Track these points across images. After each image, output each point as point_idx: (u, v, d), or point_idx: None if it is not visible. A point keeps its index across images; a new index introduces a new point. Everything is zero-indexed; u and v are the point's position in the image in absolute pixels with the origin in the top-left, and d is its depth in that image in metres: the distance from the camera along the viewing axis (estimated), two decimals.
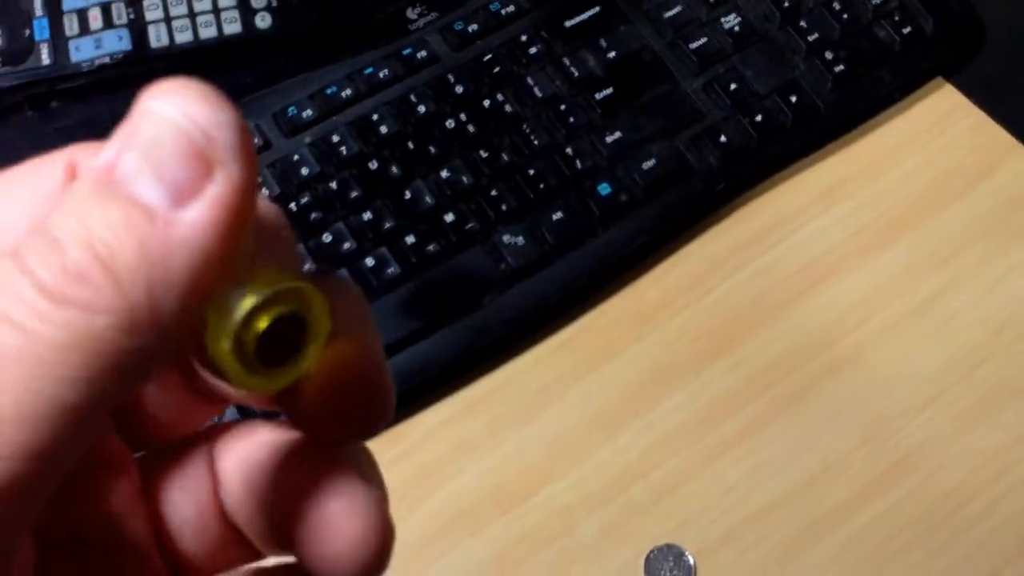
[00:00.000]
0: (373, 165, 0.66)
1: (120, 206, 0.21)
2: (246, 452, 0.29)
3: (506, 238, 0.64)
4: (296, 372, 0.25)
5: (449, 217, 0.65)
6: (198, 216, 0.21)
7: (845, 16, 0.72)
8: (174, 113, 0.21)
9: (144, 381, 0.23)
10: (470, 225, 0.65)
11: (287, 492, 0.28)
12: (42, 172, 0.26)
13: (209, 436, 0.30)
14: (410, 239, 0.64)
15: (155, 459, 0.30)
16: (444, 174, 0.66)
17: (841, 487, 0.61)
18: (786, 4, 0.72)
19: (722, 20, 0.71)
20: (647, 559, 0.59)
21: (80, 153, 0.26)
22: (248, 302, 0.23)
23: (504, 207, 0.65)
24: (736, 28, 0.71)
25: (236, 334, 0.23)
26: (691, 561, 0.59)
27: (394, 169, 0.66)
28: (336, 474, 0.27)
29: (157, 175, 0.21)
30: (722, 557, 0.59)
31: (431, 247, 0.64)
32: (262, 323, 0.23)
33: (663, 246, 0.68)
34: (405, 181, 0.66)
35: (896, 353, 0.65)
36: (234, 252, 0.22)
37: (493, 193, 0.65)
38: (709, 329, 0.65)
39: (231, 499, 0.29)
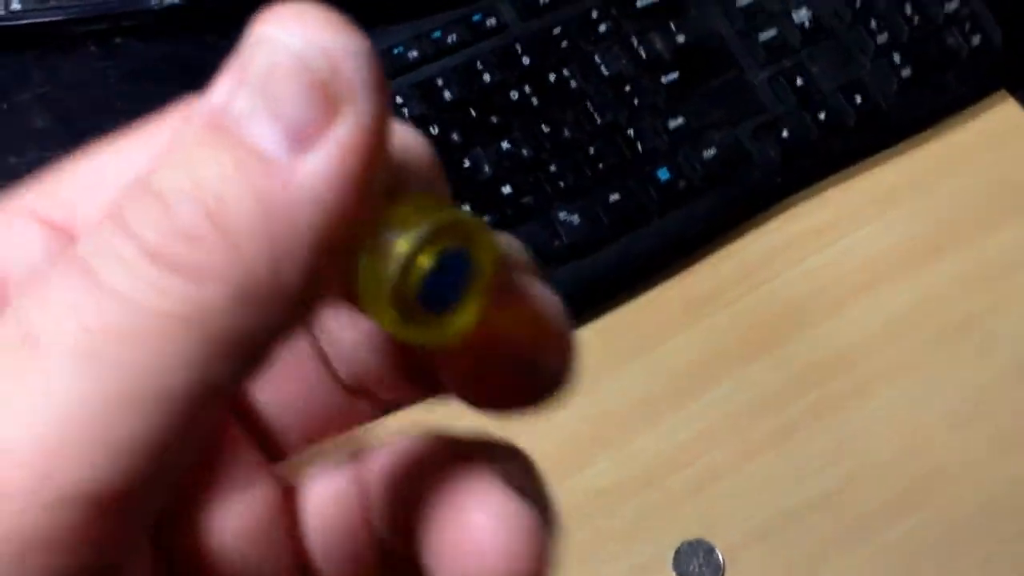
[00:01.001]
0: (434, 130, 0.65)
1: (232, 152, 0.18)
2: (391, 460, 0.26)
3: (562, 215, 0.64)
4: (462, 320, 0.21)
5: (506, 189, 0.64)
6: (323, 163, 0.18)
7: (916, 20, 0.71)
8: (293, 40, 0.18)
9: (265, 362, 0.19)
10: (526, 199, 0.64)
11: (429, 505, 0.25)
12: (154, 140, 0.22)
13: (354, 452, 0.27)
14: (465, 208, 0.63)
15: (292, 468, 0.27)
16: (504, 145, 0.65)
17: (876, 496, 0.61)
18: (858, 3, 0.71)
19: (793, 14, 0.70)
20: (677, 552, 0.59)
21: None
22: (408, 240, 0.20)
23: (562, 184, 0.64)
24: (807, 23, 0.70)
25: (396, 280, 0.20)
26: (720, 559, 0.59)
27: (455, 136, 0.65)
28: (483, 485, 0.24)
29: (274, 114, 0.18)
30: (752, 556, 0.59)
31: (486, 218, 0.63)
32: (425, 261, 0.20)
33: (718, 236, 0.67)
34: (465, 149, 0.65)
35: (939, 366, 0.64)
36: (368, 201, 0.19)
37: (552, 168, 0.65)
38: (758, 324, 0.65)
39: (375, 511, 0.26)
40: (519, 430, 0.62)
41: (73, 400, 0.17)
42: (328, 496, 0.26)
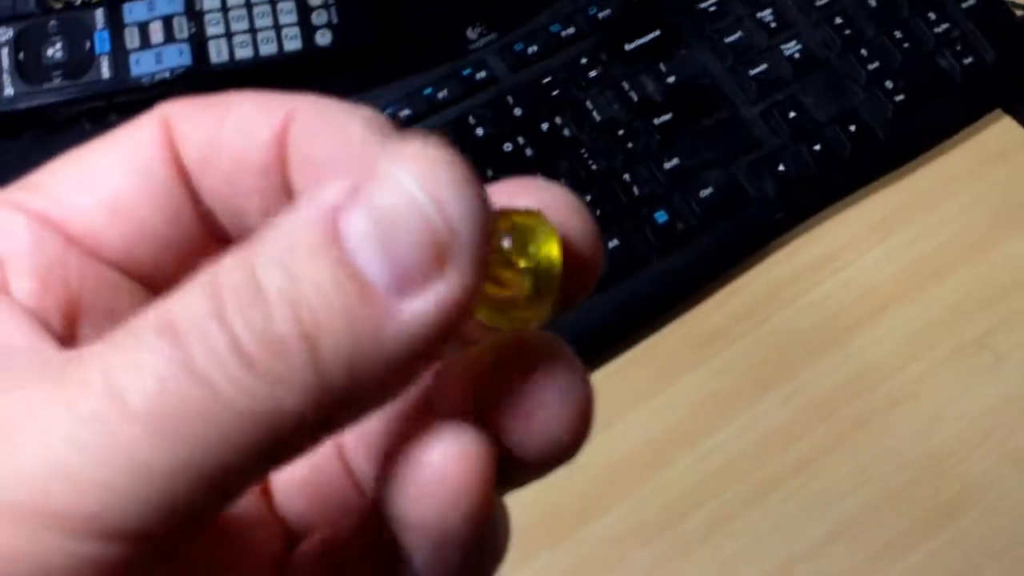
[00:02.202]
0: None
1: (337, 272, 0.19)
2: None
3: None
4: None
5: None
6: (420, 312, 0.19)
7: (906, 45, 0.71)
8: (418, 189, 0.19)
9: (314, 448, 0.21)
10: None
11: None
12: (135, 136, 0.25)
13: None
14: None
15: None
16: None
17: (895, 522, 0.60)
18: (847, 32, 0.71)
19: (782, 47, 0.71)
20: None
21: (174, 110, 0.26)
22: (556, 257, 0.23)
23: None
24: (796, 55, 0.70)
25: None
26: None
27: None
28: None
29: (386, 251, 0.19)
30: None
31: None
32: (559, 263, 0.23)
33: (720, 274, 0.67)
34: None
35: (951, 388, 0.64)
36: (442, 348, 0.20)
37: None
38: (765, 359, 0.65)
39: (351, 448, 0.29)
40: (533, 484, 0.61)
41: (142, 458, 0.19)
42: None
